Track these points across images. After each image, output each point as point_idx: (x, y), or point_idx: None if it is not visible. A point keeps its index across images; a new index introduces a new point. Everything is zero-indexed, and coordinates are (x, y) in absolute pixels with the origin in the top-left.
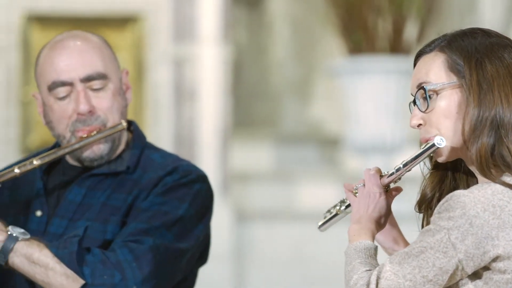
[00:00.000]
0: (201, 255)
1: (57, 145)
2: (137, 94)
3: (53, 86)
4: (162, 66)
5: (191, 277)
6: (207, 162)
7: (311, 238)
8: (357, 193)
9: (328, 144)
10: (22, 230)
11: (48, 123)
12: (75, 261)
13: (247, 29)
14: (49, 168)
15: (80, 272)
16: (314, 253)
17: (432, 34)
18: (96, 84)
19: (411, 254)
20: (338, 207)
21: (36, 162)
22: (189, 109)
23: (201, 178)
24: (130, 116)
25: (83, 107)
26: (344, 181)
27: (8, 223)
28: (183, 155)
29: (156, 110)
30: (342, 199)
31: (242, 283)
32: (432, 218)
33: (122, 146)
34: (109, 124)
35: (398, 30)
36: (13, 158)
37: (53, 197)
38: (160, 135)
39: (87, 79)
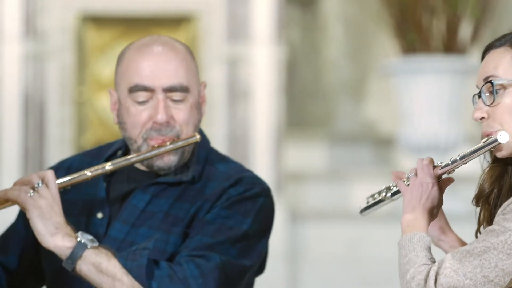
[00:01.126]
0: (259, 266)
1: (122, 149)
2: None
3: (134, 89)
4: (216, 66)
5: (248, 286)
6: (261, 162)
7: (365, 237)
8: (406, 182)
9: (382, 144)
10: (91, 237)
11: (121, 123)
12: (144, 274)
13: (300, 28)
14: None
15: (147, 286)
16: (368, 252)
17: (487, 34)
18: (176, 95)
19: (473, 253)
20: (384, 194)
21: (108, 167)
22: (243, 109)
23: (265, 192)
24: None
25: (161, 117)
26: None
27: (70, 222)
28: (237, 155)
29: (210, 110)
30: (388, 185)
31: (296, 283)
32: (496, 219)
33: (188, 154)
34: (183, 136)
35: (452, 30)
36: None
37: (115, 200)
38: (214, 135)
39: (170, 90)
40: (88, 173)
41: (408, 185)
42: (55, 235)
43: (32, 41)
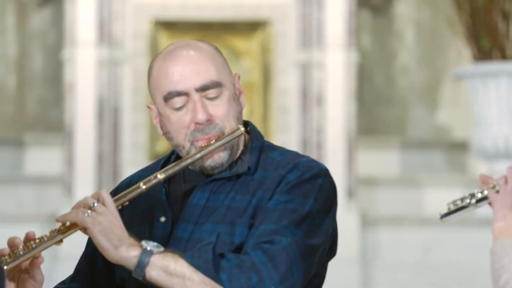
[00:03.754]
0: (330, 248)
1: (174, 154)
2: (264, 100)
3: (168, 97)
4: (289, 72)
5: (322, 271)
6: (334, 168)
7: (437, 242)
8: (495, 189)
9: (454, 149)
10: (155, 244)
11: (166, 133)
12: (212, 268)
13: (372, 34)
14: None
15: (217, 279)
16: (441, 257)
17: None
18: (211, 93)
19: None
20: (468, 200)
21: (160, 176)
22: (315, 114)
23: (323, 172)
24: (257, 122)
25: (201, 117)
26: (471, 186)
27: (134, 231)
28: None
29: (283, 116)
30: (472, 192)
31: (368, 287)
32: None
33: (240, 148)
34: (227, 131)
35: None
36: (142, 164)
37: (176, 203)
38: (287, 140)
39: (202, 89)
40: (142, 185)
41: (498, 192)
42: (119, 247)
43: (106, 47)
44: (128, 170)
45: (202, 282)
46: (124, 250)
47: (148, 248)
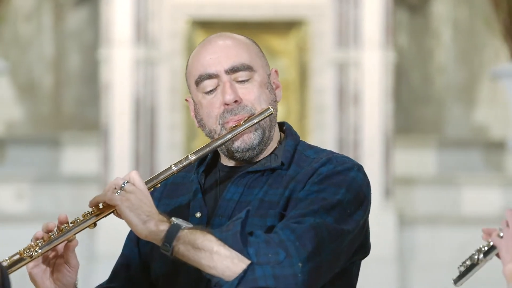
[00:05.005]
0: (362, 245)
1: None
2: (301, 99)
3: (199, 80)
4: (326, 71)
5: (355, 269)
6: (371, 167)
7: (475, 242)
8: (499, 235)
9: (492, 148)
10: (185, 221)
11: (200, 122)
12: (239, 241)
13: (409, 32)
14: (206, 172)
15: (244, 252)
16: None
17: None
18: (241, 75)
19: None
20: (476, 257)
21: (191, 157)
22: (352, 113)
23: (356, 167)
24: (294, 121)
25: (229, 97)
26: (509, 185)
27: None
28: None
29: (320, 115)
30: (477, 248)
31: (405, 286)
32: None
33: (275, 144)
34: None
35: None
36: None
37: (211, 199)
38: (324, 139)
39: (232, 70)
40: (173, 167)
41: (502, 237)
42: (147, 222)
43: (142, 46)
44: None
45: (229, 256)
46: (153, 224)
47: (177, 223)
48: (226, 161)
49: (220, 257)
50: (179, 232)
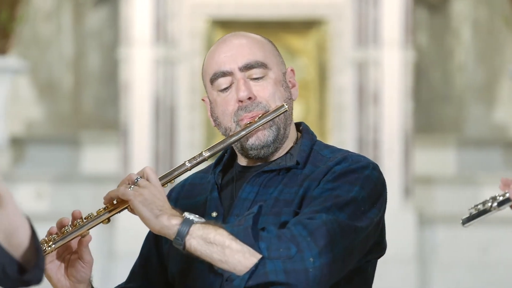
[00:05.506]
0: (377, 244)
1: (227, 152)
2: (320, 98)
3: (214, 78)
4: (346, 70)
5: (371, 268)
6: (390, 166)
7: (495, 241)
8: None
9: None
10: (197, 216)
11: (215, 120)
12: (251, 235)
13: (429, 32)
14: (222, 172)
15: (256, 246)
16: (499, 256)
17: None
18: (256, 72)
19: None
20: (489, 204)
21: (205, 153)
22: (372, 112)
23: (371, 165)
24: (313, 120)
25: (243, 94)
26: None
27: None
28: None
29: (339, 114)
30: (492, 196)
31: (425, 285)
32: None
33: (290, 143)
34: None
35: None
36: None
37: (227, 198)
38: (343, 139)
39: (246, 67)
40: (187, 163)
41: None
42: (160, 216)
43: (162, 46)
44: None
45: (240, 250)
46: (165, 218)
47: (190, 218)
48: (242, 161)
49: (232, 251)
50: (191, 226)
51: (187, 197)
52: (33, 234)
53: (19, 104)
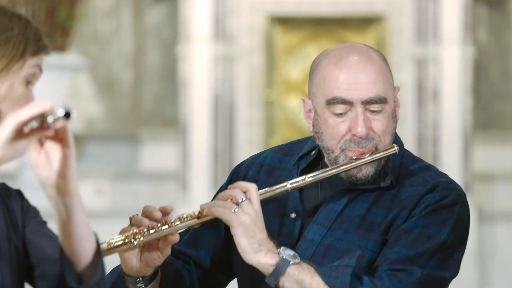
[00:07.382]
0: None
1: (316, 150)
2: None
3: (332, 102)
4: (405, 67)
5: None
6: (449, 162)
7: None
8: None
9: None
10: (293, 253)
11: (317, 133)
12: None
13: (488, 28)
14: (305, 171)
15: None
16: None
17: None
18: (375, 107)
19: None
20: None
21: (308, 179)
22: (431, 109)
23: (461, 199)
24: None
25: (361, 130)
26: None
27: (264, 221)
28: (426, 155)
29: (399, 111)
30: None
31: (485, 282)
32: None
33: (384, 161)
34: (380, 147)
35: None
36: None
37: (309, 202)
38: (403, 135)
39: (368, 102)
40: (288, 185)
41: None
42: (259, 252)
43: (221, 43)
44: None
45: None
46: (262, 256)
47: (286, 258)
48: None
49: None
50: (287, 268)
51: (266, 180)
52: (98, 250)
53: (79, 101)
